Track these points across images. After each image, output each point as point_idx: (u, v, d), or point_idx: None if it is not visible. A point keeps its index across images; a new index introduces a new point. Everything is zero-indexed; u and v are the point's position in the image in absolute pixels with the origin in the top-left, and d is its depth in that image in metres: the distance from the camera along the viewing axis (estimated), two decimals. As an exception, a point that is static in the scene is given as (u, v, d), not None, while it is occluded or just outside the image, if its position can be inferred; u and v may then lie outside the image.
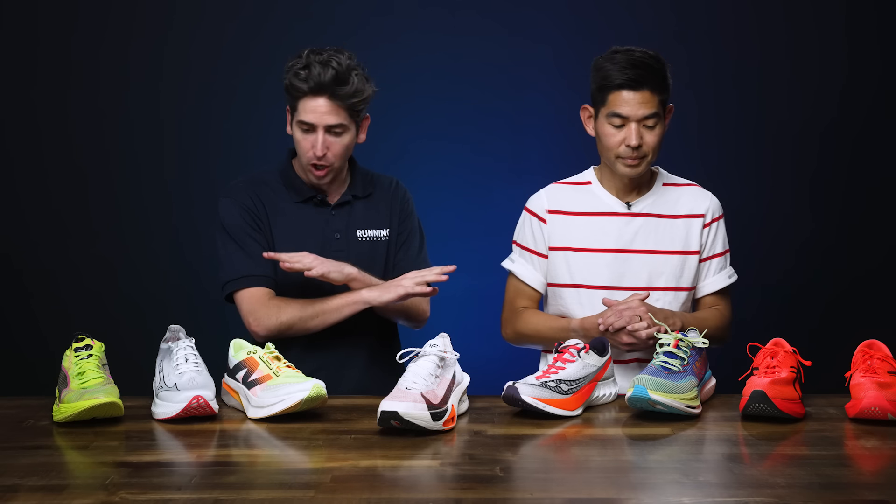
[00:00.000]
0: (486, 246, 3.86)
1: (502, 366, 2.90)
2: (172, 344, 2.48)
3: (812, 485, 1.95)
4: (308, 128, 2.76)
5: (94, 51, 3.89)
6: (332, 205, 2.88)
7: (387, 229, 2.92)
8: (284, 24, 3.88)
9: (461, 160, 3.95)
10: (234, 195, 2.85)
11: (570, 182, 2.93)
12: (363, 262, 2.84)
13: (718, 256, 2.88)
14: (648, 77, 2.71)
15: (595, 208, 2.86)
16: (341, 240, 2.86)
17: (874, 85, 3.91)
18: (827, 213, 3.94)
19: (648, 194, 2.86)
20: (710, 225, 2.86)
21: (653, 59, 2.74)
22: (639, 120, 2.72)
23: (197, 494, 1.91)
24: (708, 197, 2.89)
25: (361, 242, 2.88)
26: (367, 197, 2.92)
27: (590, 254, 2.83)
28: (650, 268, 2.82)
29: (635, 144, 2.73)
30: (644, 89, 2.71)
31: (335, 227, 2.86)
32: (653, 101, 2.72)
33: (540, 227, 2.89)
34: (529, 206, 2.93)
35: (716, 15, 3.92)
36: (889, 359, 2.43)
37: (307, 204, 2.87)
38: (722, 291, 2.88)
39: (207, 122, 3.93)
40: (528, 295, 2.91)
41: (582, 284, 2.83)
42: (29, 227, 3.91)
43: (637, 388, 2.34)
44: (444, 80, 3.92)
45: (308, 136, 2.77)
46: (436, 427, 2.25)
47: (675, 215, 2.85)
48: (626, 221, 2.84)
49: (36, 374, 3.09)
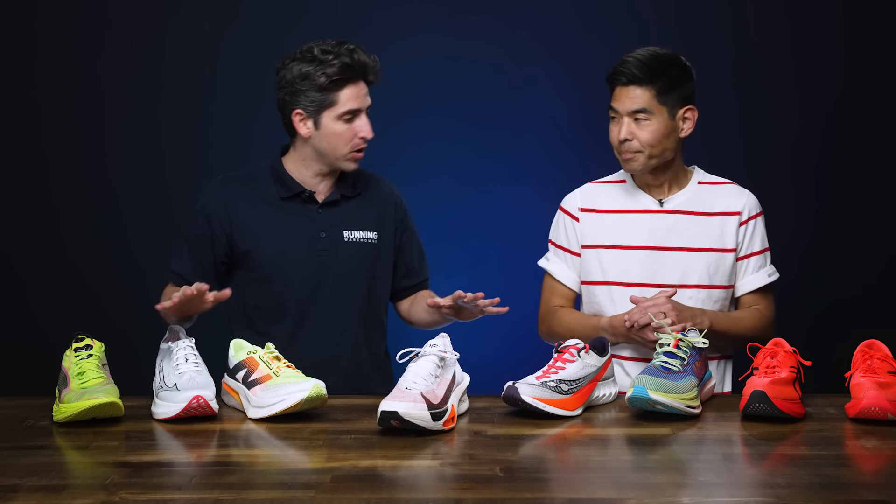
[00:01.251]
0: (485, 246, 3.87)
1: (502, 366, 2.90)
2: (172, 344, 2.48)
3: (812, 485, 1.95)
4: (352, 115, 2.78)
5: (95, 51, 3.89)
6: (320, 203, 2.87)
7: (375, 232, 2.90)
8: (284, 24, 3.88)
9: (461, 160, 3.95)
10: (208, 195, 2.88)
11: (604, 181, 2.94)
12: (347, 263, 2.84)
13: (757, 255, 2.86)
14: (641, 72, 2.73)
15: (627, 206, 2.86)
16: (326, 239, 2.85)
17: (875, 86, 3.90)
18: (827, 214, 3.94)
19: (682, 192, 2.86)
20: (746, 223, 2.85)
21: (655, 57, 2.75)
22: (628, 114, 2.74)
23: (197, 494, 1.91)
24: (745, 194, 2.88)
25: (348, 243, 2.86)
26: (357, 197, 2.91)
27: (622, 251, 2.83)
28: (683, 265, 2.81)
29: (621, 138, 2.76)
30: (633, 84, 2.74)
31: (321, 226, 2.85)
32: (644, 96, 2.74)
33: (573, 226, 2.89)
34: (563, 204, 2.94)
35: (716, 15, 3.92)
36: (889, 359, 2.43)
37: (294, 201, 2.86)
38: (762, 290, 2.86)
39: (208, 121, 3.93)
40: (563, 293, 2.91)
41: (614, 282, 2.83)
42: (29, 226, 3.91)
43: (637, 388, 2.34)
44: (444, 80, 3.92)
45: (352, 123, 2.78)
46: (436, 427, 2.25)
47: (709, 213, 2.84)
48: (658, 218, 2.84)
49: (36, 374, 3.09)
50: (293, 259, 2.83)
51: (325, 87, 2.75)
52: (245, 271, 2.86)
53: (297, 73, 2.76)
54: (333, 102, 2.77)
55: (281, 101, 2.83)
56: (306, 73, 2.76)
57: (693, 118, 2.80)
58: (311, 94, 2.77)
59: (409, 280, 3.01)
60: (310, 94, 2.77)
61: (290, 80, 2.78)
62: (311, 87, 2.76)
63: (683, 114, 2.79)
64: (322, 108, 2.77)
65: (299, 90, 2.77)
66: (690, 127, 2.81)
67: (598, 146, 2.89)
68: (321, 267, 2.84)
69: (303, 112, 2.79)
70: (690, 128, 2.81)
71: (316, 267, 2.83)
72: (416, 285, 3.02)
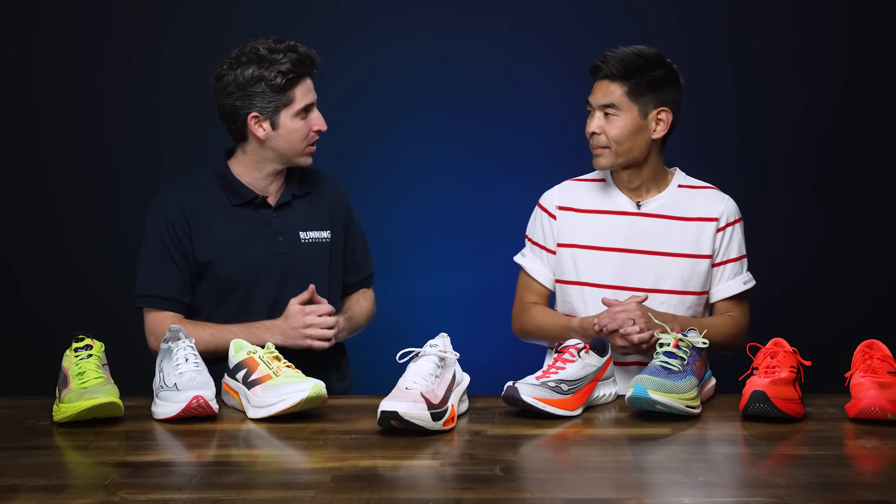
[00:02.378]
0: (485, 246, 3.87)
1: (502, 366, 2.89)
2: (172, 344, 2.48)
3: (812, 485, 1.95)
4: (306, 110, 2.75)
5: (95, 51, 3.89)
6: (273, 206, 2.82)
7: (328, 231, 2.86)
8: (284, 24, 3.87)
9: (461, 160, 3.95)
10: (162, 205, 2.80)
11: (584, 179, 2.93)
12: (307, 264, 2.80)
13: (733, 262, 2.84)
14: (616, 69, 2.74)
15: (605, 206, 2.86)
16: (284, 242, 2.80)
17: (876, 87, 3.90)
18: (827, 214, 3.94)
19: (661, 195, 2.85)
20: (724, 229, 2.83)
21: (636, 55, 2.75)
22: (599, 108, 2.76)
23: (197, 494, 1.91)
24: (724, 200, 2.85)
25: (305, 244, 2.82)
26: (306, 196, 2.86)
27: (596, 252, 2.83)
28: (657, 269, 2.80)
29: (590, 131, 2.77)
30: (608, 79, 2.75)
31: (277, 230, 2.80)
32: (616, 92, 2.75)
33: (550, 223, 2.89)
34: (541, 201, 2.93)
35: (716, 15, 3.92)
36: (889, 359, 2.43)
37: (246, 207, 2.80)
38: (737, 297, 2.83)
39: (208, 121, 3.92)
40: (537, 290, 2.91)
41: (587, 282, 2.83)
42: (29, 226, 3.91)
43: (637, 388, 2.34)
44: (444, 80, 3.92)
45: (306, 118, 2.75)
46: (436, 427, 2.25)
47: (687, 217, 2.83)
48: (634, 221, 2.83)
49: (36, 374, 3.09)
50: (254, 265, 2.78)
51: (281, 87, 2.71)
52: (205, 282, 2.79)
53: (250, 76, 2.70)
54: (290, 101, 2.73)
55: (229, 107, 2.75)
56: (259, 76, 2.70)
57: (667, 121, 2.78)
58: (266, 95, 2.71)
59: (353, 276, 2.95)
60: (266, 95, 2.71)
61: (241, 84, 2.71)
62: (266, 89, 2.71)
63: (657, 115, 2.77)
64: (279, 108, 2.73)
65: (253, 93, 2.71)
66: (663, 129, 2.79)
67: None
68: (282, 271, 2.79)
69: (259, 114, 2.73)
70: (663, 130, 2.79)
71: (277, 271, 2.79)
72: (361, 282, 2.97)
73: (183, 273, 2.76)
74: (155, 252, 2.77)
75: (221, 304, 2.79)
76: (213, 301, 2.79)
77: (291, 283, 2.78)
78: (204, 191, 2.81)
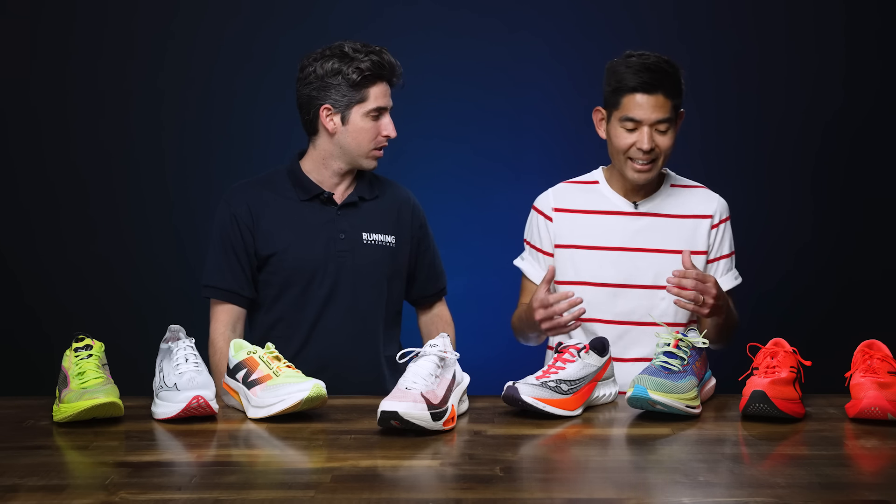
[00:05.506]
0: (485, 246, 3.87)
1: (502, 366, 2.90)
2: (172, 344, 2.48)
3: (812, 485, 1.95)
4: (378, 113, 2.80)
5: (95, 51, 3.89)
6: (339, 204, 2.87)
7: (393, 236, 2.90)
8: (284, 24, 3.88)
9: (461, 160, 3.95)
10: (230, 201, 2.86)
11: (578, 181, 2.93)
12: (367, 265, 2.84)
13: (725, 258, 2.88)
14: (663, 81, 2.71)
15: (602, 207, 2.87)
16: (345, 240, 2.85)
17: (875, 87, 3.91)
18: (827, 214, 3.94)
19: (656, 195, 2.87)
20: (717, 226, 2.87)
21: (667, 63, 2.74)
22: (651, 124, 2.72)
23: (197, 494, 1.91)
24: (716, 199, 2.89)
25: (367, 245, 2.87)
26: (375, 199, 2.91)
27: (596, 251, 2.84)
28: (656, 267, 2.81)
29: (647, 148, 2.73)
30: (658, 93, 2.71)
31: (340, 227, 2.85)
32: (666, 106, 2.72)
33: (546, 225, 2.89)
34: (536, 204, 2.94)
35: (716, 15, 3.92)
36: (889, 359, 2.43)
37: (313, 202, 2.86)
38: (729, 293, 2.86)
39: (208, 121, 3.94)
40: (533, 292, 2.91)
41: (587, 282, 2.83)
42: (29, 226, 3.92)
43: (637, 388, 2.35)
44: (444, 80, 3.92)
45: (377, 121, 2.80)
46: (436, 427, 2.25)
47: (682, 215, 2.86)
48: (632, 220, 2.84)
49: (36, 374, 3.09)
50: (313, 260, 2.82)
51: (356, 83, 2.76)
52: (268, 275, 2.85)
53: (329, 69, 2.77)
54: (363, 99, 2.78)
55: (305, 97, 2.82)
56: (338, 69, 2.76)
57: (679, 123, 2.80)
58: (342, 90, 2.77)
59: (431, 286, 3.03)
60: (341, 88, 2.77)
61: (320, 76, 2.78)
62: (342, 83, 2.77)
63: (679, 118, 2.79)
64: (351, 104, 2.78)
65: (330, 85, 2.77)
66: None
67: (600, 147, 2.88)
68: (340, 268, 2.84)
69: (331, 107, 2.79)
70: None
71: (335, 268, 2.83)
72: (438, 293, 3.05)
73: (244, 267, 2.82)
74: (220, 246, 2.85)
75: (281, 299, 2.85)
76: (273, 295, 2.85)
77: (347, 280, 2.84)
78: (273, 186, 2.88)
